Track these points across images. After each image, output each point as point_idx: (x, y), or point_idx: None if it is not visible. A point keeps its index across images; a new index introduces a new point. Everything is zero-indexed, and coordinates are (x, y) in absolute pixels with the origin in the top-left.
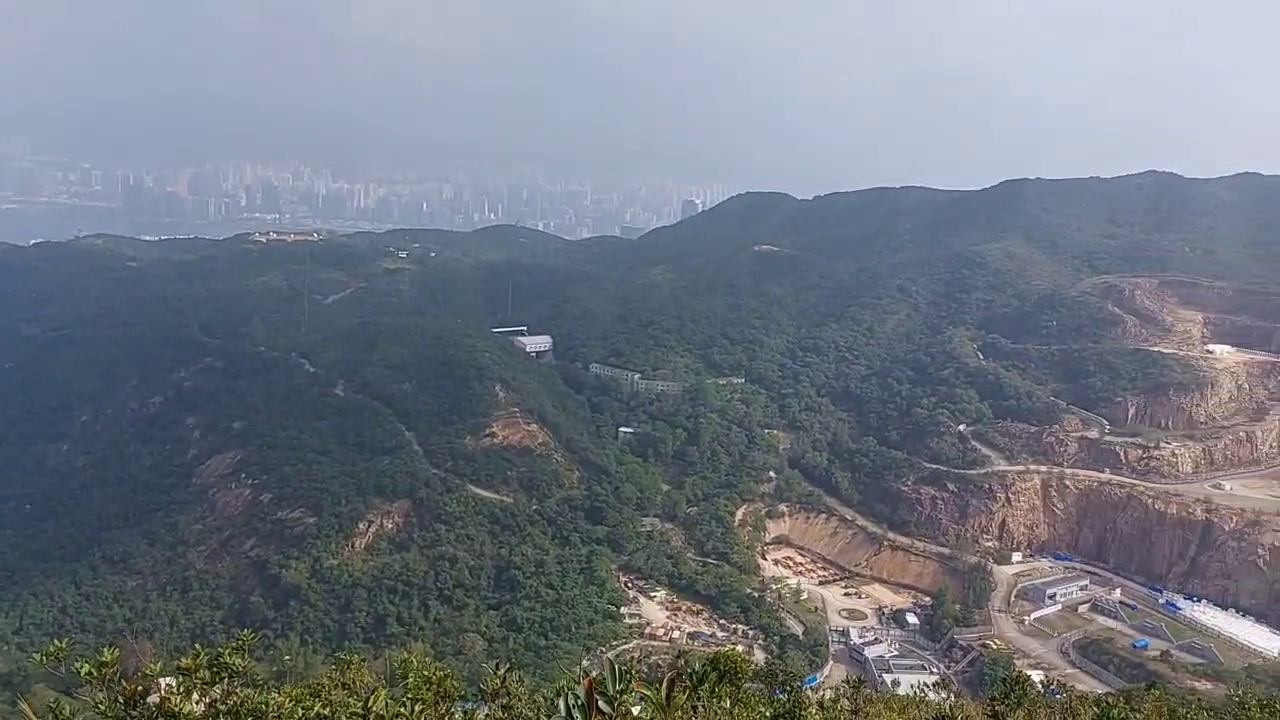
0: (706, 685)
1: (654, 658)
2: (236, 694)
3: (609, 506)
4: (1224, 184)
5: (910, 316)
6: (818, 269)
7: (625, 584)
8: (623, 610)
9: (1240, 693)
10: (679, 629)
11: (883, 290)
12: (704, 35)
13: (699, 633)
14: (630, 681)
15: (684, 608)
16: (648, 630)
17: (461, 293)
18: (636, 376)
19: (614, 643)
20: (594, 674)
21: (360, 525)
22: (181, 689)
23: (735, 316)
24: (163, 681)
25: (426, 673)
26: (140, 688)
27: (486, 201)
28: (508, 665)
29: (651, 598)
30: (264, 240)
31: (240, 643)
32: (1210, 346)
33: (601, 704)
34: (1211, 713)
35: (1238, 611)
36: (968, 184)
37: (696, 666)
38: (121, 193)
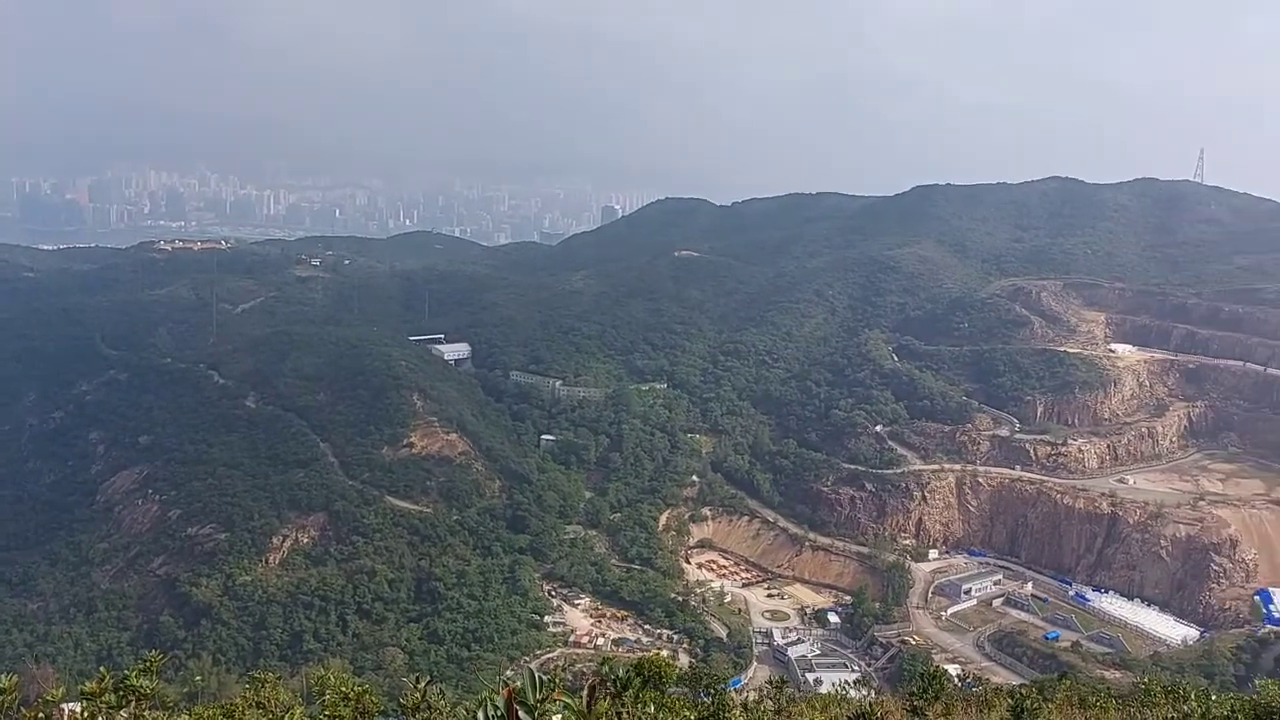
0: (630, 691)
1: (579, 665)
2: (145, 717)
3: (531, 515)
4: (1123, 189)
5: (827, 320)
6: (737, 274)
7: (549, 592)
8: (547, 619)
9: (1146, 680)
10: (604, 636)
11: (800, 294)
12: (625, 38)
13: (624, 639)
14: (551, 690)
15: (609, 614)
16: (572, 638)
17: (377, 300)
18: (558, 383)
19: (538, 652)
20: (514, 683)
21: (274, 540)
22: (86, 714)
23: (657, 322)
24: (66, 708)
25: (344, 689)
26: (42, 715)
27: (402, 208)
28: (428, 678)
29: (576, 605)
30: (169, 249)
31: (148, 664)
32: (1113, 346)
33: (522, 714)
34: (1119, 701)
35: (1143, 601)
36: (881, 189)
37: (621, 673)
38: (17, 200)
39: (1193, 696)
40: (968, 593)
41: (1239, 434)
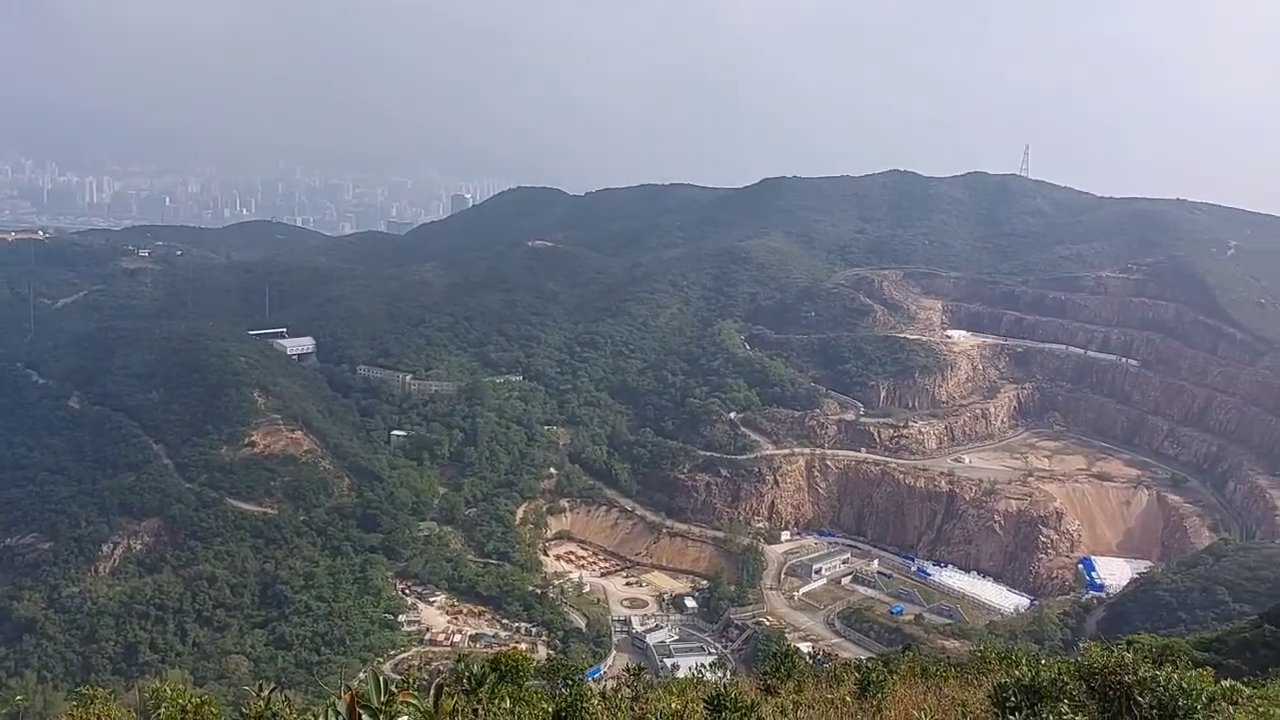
0: (486, 687)
1: (435, 664)
2: None
3: (383, 513)
4: (956, 182)
5: (682, 310)
6: (593, 264)
7: (403, 591)
8: (401, 618)
9: (982, 648)
10: (460, 632)
11: (656, 285)
12: (477, 25)
13: (481, 634)
14: (397, 691)
15: (465, 610)
16: (428, 636)
17: (213, 294)
18: (408, 377)
19: (392, 652)
20: (362, 687)
21: (104, 548)
22: None
23: (511, 313)
24: None
25: (181, 701)
26: None
27: (238, 196)
28: (273, 685)
29: (431, 603)
30: None
31: None
32: (949, 332)
33: (365, 717)
34: (958, 669)
35: (979, 573)
36: (733, 180)
37: (476, 669)
38: None
39: (1024, 662)
40: (818, 572)
41: (1063, 413)
